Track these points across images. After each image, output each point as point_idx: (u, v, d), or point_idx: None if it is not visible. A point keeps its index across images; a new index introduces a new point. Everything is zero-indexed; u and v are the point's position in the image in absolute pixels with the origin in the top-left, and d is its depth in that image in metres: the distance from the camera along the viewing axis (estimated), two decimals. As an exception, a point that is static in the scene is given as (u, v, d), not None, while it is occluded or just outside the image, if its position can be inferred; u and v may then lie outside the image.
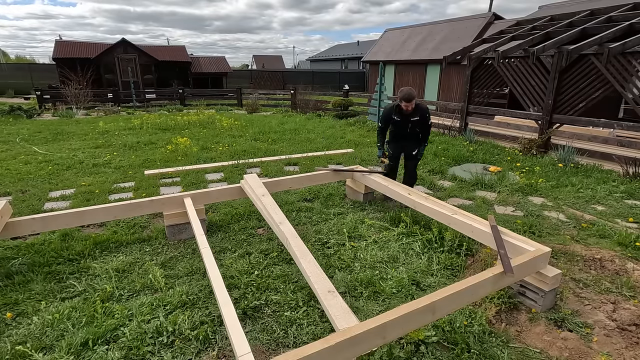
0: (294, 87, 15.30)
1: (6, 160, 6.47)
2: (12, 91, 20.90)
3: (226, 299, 2.15)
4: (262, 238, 3.61)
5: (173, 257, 3.24)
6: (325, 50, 50.86)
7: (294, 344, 2.25)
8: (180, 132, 9.23)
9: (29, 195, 4.74)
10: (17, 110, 12.26)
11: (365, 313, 2.51)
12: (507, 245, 2.67)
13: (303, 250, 2.62)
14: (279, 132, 9.23)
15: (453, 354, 2.15)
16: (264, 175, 5.74)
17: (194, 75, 23.13)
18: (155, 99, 17.16)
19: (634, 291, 2.73)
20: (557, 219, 4.05)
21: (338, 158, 6.71)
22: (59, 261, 3.14)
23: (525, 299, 2.61)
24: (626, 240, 3.43)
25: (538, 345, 2.26)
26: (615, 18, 6.93)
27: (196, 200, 3.57)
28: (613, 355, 2.18)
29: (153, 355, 2.14)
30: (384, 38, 20.74)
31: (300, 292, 2.70)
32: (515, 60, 7.79)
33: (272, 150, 7.33)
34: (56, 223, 3.19)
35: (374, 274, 2.94)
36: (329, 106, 12.86)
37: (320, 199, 4.64)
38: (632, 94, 6.07)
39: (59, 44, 19.94)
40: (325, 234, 3.67)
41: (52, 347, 2.20)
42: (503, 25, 12.67)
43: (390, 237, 3.55)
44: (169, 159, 6.56)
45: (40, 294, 2.70)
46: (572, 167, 5.97)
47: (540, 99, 7.21)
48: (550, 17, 8.50)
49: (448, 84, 15.53)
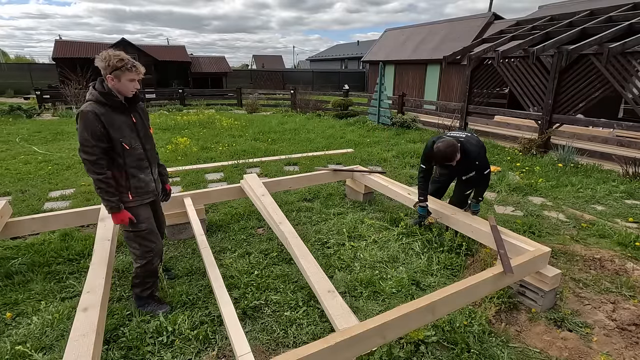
0: (294, 87, 15.30)
1: (6, 160, 6.47)
2: (11, 91, 20.90)
3: (226, 298, 2.15)
4: (262, 238, 3.61)
5: (173, 257, 3.24)
6: (325, 50, 50.86)
7: (293, 343, 2.25)
8: (180, 132, 9.23)
9: (28, 195, 4.74)
10: (17, 110, 12.26)
11: (365, 313, 2.51)
12: (507, 245, 2.67)
13: (303, 250, 2.62)
14: (279, 132, 9.23)
15: (453, 353, 2.15)
16: (263, 175, 5.74)
17: (194, 75, 23.15)
18: (155, 98, 17.15)
19: (634, 291, 2.73)
20: (556, 219, 4.05)
21: (338, 158, 6.71)
22: (58, 261, 3.14)
23: (525, 299, 2.61)
24: (626, 240, 3.43)
25: (538, 345, 2.26)
26: (615, 18, 6.93)
27: (196, 200, 3.57)
28: (613, 355, 2.18)
29: (153, 355, 2.14)
30: (383, 38, 20.74)
31: (300, 292, 2.70)
32: (515, 60, 7.79)
33: (272, 150, 7.33)
34: (56, 223, 3.19)
35: (373, 273, 2.94)
36: (329, 106, 12.86)
37: (320, 198, 4.64)
38: (632, 94, 6.07)
39: (59, 43, 19.96)
40: (325, 234, 3.67)
41: (52, 347, 2.20)
42: (503, 25, 12.67)
43: (390, 237, 3.55)
44: (169, 158, 6.56)
45: (40, 294, 2.70)
46: (572, 167, 5.97)
47: (540, 99, 7.22)
48: (550, 17, 8.50)
49: (448, 84, 15.52)
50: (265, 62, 41.39)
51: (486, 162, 3.08)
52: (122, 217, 2.22)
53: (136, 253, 2.37)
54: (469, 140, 3.07)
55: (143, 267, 2.38)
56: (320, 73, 29.79)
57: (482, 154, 3.06)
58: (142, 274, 2.40)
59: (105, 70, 2.07)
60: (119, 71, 2.06)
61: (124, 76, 2.08)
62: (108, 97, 2.09)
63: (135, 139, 2.23)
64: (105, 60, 2.05)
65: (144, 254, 2.36)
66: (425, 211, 3.35)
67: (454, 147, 2.89)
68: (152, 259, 2.39)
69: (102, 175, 2.11)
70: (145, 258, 2.37)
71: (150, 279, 2.45)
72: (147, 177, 2.33)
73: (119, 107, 2.14)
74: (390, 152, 7.13)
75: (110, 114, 2.10)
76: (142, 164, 2.29)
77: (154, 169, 2.43)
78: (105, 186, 2.12)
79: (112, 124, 2.10)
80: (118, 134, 2.12)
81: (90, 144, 2.04)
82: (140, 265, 2.37)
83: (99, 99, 2.08)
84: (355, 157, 6.78)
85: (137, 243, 2.35)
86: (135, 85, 2.17)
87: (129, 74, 2.10)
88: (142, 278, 2.42)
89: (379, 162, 6.51)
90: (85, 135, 2.04)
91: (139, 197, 2.30)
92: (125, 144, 2.16)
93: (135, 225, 2.29)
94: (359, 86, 27.29)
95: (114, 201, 2.17)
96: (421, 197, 3.33)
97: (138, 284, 2.44)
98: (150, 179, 2.37)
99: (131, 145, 2.19)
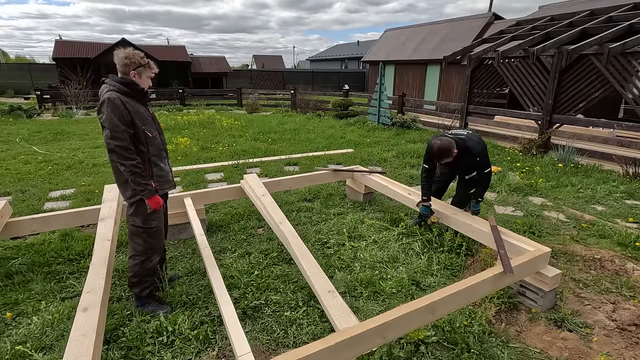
0: (294, 87, 15.30)
1: (6, 160, 6.47)
2: (12, 91, 20.90)
3: (226, 298, 2.15)
4: (262, 238, 3.61)
5: (173, 257, 3.24)
6: (325, 50, 50.87)
7: (293, 343, 2.25)
8: (180, 132, 9.23)
9: (28, 195, 4.74)
10: (17, 110, 12.26)
11: (365, 313, 2.51)
12: (507, 245, 2.67)
13: (303, 250, 2.62)
14: (279, 132, 9.23)
15: (453, 353, 2.15)
16: (264, 175, 5.74)
17: (194, 75, 23.15)
18: (155, 98, 17.12)
19: (634, 291, 2.73)
20: (557, 219, 4.05)
21: (338, 158, 6.71)
22: (58, 261, 3.14)
23: (525, 299, 2.61)
24: (626, 240, 3.43)
25: (538, 345, 2.26)
26: (616, 18, 6.93)
27: (196, 200, 3.57)
28: (613, 355, 2.18)
29: (153, 355, 2.14)
30: (383, 38, 20.74)
31: (300, 292, 2.70)
32: (515, 60, 7.79)
33: (272, 150, 7.33)
34: (56, 223, 3.19)
35: (373, 274, 2.94)
36: (329, 106, 12.87)
37: (320, 199, 4.64)
38: (632, 94, 6.07)
39: (59, 43, 19.95)
40: (325, 234, 3.67)
41: (52, 347, 2.20)
42: (503, 25, 12.67)
43: (390, 237, 3.55)
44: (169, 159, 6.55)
45: (40, 294, 2.70)
46: (572, 167, 5.97)
47: (540, 99, 7.21)
48: (550, 17, 8.50)
49: (448, 84, 15.52)
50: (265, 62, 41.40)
51: (487, 161, 3.08)
52: (157, 201, 2.27)
53: (137, 249, 2.38)
54: (470, 137, 3.13)
55: (141, 265, 2.39)
56: (321, 73, 29.78)
57: (484, 151, 3.07)
58: (140, 272, 2.41)
59: (128, 67, 2.20)
60: (142, 68, 2.23)
61: (144, 73, 2.25)
62: (132, 86, 2.20)
63: (154, 130, 2.32)
64: (129, 58, 2.19)
65: (145, 251, 2.39)
66: (429, 210, 3.34)
67: (450, 143, 2.95)
68: (152, 257, 2.42)
69: (135, 161, 2.15)
70: (146, 254, 2.39)
71: (148, 278, 2.46)
72: (167, 167, 2.42)
73: (141, 98, 2.26)
74: (390, 152, 7.13)
75: (133, 103, 2.19)
76: (162, 154, 2.38)
77: (169, 161, 2.50)
78: (140, 171, 2.16)
79: (136, 111, 2.19)
80: (141, 122, 2.20)
81: (120, 129, 2.09)
82: (138, 262, 2.39)
83: (122, 89, 2.16)
84: (355, 157, 6.78)
85: (142, 239, 2.37)
86: (150, 82, 2.32)
87: (149, 71, 2.27)
88: (140, 277, 2.42)
89: (379, 162, 6.51)
90: (114, 121, 2.08)
91: (159, 185, 2.34)
92: (148, 132, 2.25)
93: (147, 222, 2.33)
94: (359, 86, 27.28)
95: (150, 184, 2.22)
96: (424, 197, 3.32)
97: (136, 283, 2.44)
98: (169, 170, 2.45)
99: (152, 134, 2.28)
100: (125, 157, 2.11)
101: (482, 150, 3.05)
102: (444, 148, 2.94)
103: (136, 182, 2.17)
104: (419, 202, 3.40)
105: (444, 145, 2.94)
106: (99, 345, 1.82)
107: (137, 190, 2.21)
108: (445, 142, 2.95)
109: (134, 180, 2.16)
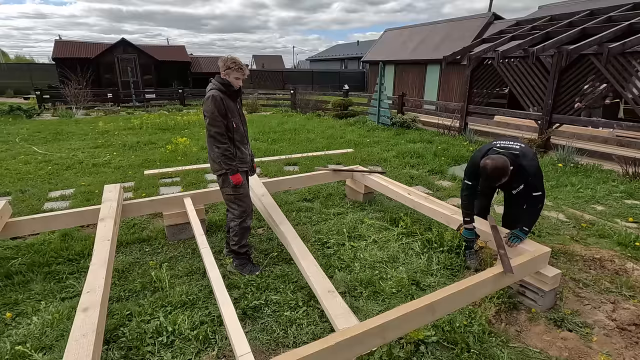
0: (294, 87, 15.30)
1: (6, 160, 6.46)
2: (11, 91, 20.90)
3: (226, 299, 2.15)
4: (262, 238, 3.61)
5: (173, 257, 3.24)
6: (324, 50, 50.86)
7: (293, 344, 2.25)
8: (180, 132, 9.23)
9: (28, 195, 4.74)
10: (17, 110, 12.25)
11: (365, 313, 2.51)
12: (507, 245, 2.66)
13: (303, 250, 2.62)
14: (279, 132, 9.23)
15: (453, 353, 2.15)
16: (263, 175, 5.74)
17: (194, 75, 23.10)
18: (155, 98, 17.14)
19: (634, 291, 2.73)
20: (556, 219, 4.05)
21: (338, 158, 6.71)
22: (58, 261, 3.14)
23: (525, 299, 2.61)
24: (626, 240, 3.43)
25: (538, 345, 2.26)
26: (615, 18, 6.93)
27: (196, 201, 3.57)
28: (613, 355, 2.18)
29: (153, 355, 2.14)
30: (383, 38, 20.74)
31: (300, 292, 2.70)
32: (515, 60, 7.79)
33: (272, 150, 7.33)
34: (56, 223, 3.19)
35: (373, 273, 2.94)
36: (329, 106, 12.86)
37: (320, 199, 4.64)
38: (632, 94, 6.07)
39: (59, 43, 19.92)
40: (325, 234, 3.67)
41: (51, 347, 2.20)
42: (503, 25, 12.66)
43: (390, 237, 3.55)
44: (169, 159, 6.56)
45: (40, 294, 2.70)
46: (571, 167, 5.97)
47: (540, 99, 7.22)
48: (550, 17, 8.50)
49: (448, 84, 15.52)
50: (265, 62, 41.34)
51: (540, 182, 2.62)
52: (238, 177, 2.82)
53: (234, 213, 2.95)
54: (525, 153, 2.64)
55: (240, 225, 2.94)
56: (320, 73, 29.76)
57: (539, 171, 2.62)
58: (240, 231, 2.95)
59: (221, 69, 2.75)
60: (230, 70, 2.73)
61: (232, 74, 2.75)
62: (228, 86, 2.76)
63: (239, 121, 2.86)
64: (223, 61, 2.75)
65: (241, 214, 2.94)
66: (473, 234, 2.90)
67: (505, 162, 2.50)
68: (246, 219, 2.97)
69: (227, 145, 2.75)
70: (241, 217, 2.94)
71: (246, 233, 2.99)
72: (246, 151, 2.96)
73: (232, 96, 2.80)
74: (390, 152, 7.13)
75: (227, 100, 2.75)
76: (244, 141, 2.92)
77: (249, 147, 3.04)
78: (229, 153, 2.76)
79: (228, 106, 2.75)
80: (230, 114, 2.76)
81: (218, 119, 2.69)
82: (237, 223, 2.94)
83: (221, 88, 2.73)
84: (355, 157, 6.78)
85: (236, 204, 2.93)
86: (239, 82, 2.80)
87: (236, 73, 2.75)
88: (240, 235, 2.95)
89: (379, 162, 6.51)
90: (215, 113, 2.67)
91: (240, 165, 2.89)
92: (235, 123, 2.80)
93: (237, 189, 2.86)
94: (359, 86, 27.28)
95: (234, 165, 2.80)
96: (467, 218, 2.88)
97: (237, 235, 2.94)
98: (248, 154, 2.98)
99: (237, 125, 2.82)
100: (220, 142, 2.72)
101: (536, 171, 2.59)
102: (500, 168, 2.48)
103: (225, 162, 2.76)
104: (459, 225, 2.96)
105: (498, 165, 2.48)
106: (98, 345, 1.82)
107: (224, 168, 2.77)
108: (499, 161, 2.49)
109: (224, 160, 2.75)
